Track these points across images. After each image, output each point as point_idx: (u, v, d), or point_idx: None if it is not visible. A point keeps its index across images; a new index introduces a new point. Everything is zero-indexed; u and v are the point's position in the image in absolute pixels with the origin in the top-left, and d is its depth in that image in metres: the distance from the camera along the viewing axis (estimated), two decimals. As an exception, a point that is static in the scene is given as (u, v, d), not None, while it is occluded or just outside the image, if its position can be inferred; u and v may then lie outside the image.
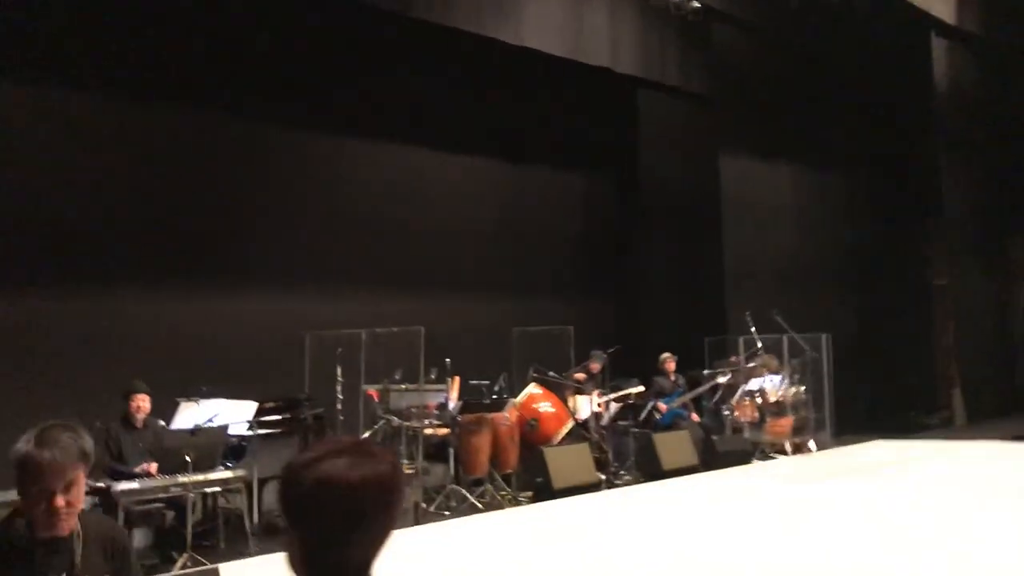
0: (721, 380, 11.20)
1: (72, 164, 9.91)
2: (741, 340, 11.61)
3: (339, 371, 8.42)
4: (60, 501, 2.30)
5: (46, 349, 9.56)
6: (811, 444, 11.53)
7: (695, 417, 11.02)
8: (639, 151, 14.46)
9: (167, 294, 10.50)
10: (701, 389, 11.13)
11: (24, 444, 2.31)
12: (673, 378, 11.05)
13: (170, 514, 6.43)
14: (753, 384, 11.47)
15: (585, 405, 9.96)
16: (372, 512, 1.40)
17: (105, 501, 6.20)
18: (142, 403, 6.67)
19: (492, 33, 10.62)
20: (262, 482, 7.06)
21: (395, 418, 8.40)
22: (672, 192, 14.15)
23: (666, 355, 11.08)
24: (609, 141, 14.90)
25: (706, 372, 11.32)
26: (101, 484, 6.31)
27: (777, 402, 11.48)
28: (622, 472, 9.60)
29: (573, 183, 15.37)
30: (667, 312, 13.38)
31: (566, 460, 8.72)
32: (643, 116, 14.38)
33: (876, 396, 14.15)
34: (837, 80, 14.95)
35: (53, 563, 2.34)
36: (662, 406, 10.66)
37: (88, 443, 2.39)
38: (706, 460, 10.02)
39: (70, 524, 2.36)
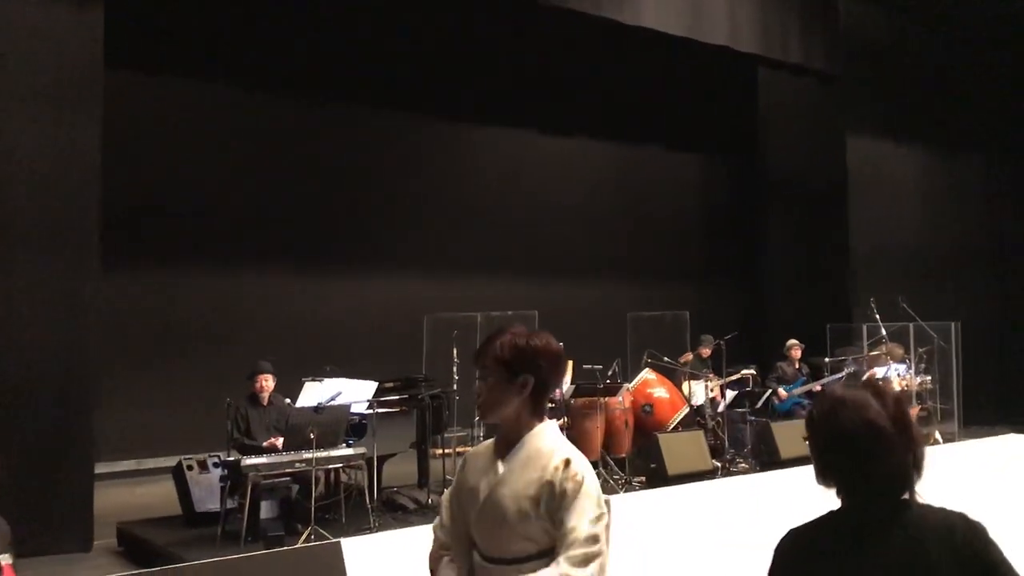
0: (848, 371, 10.86)
1: (208, 155, 10.45)
2: (864, 327, 11.23)
3: (455, 352, 8.57)
4: None
5: (182, 330, 10.14)
6: (937, 435, 11.08)
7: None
8: (760, 132, 14.10)
9: (294, 279, 10.97)
10: (826, 380, 10.80)
11: None
12: (797, 366, 10.78)
13: (295, 488, 6.73)
14: (876, 373, 11.08)
15: (700, 391, 9.85)
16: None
17: (234, 474, 6.52)
18: (264, 382, 6.97)
19: (609, 13, 10.51)
20: (382, 459, 7.29)
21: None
22: (795, 174, 13.76)
23: (792, 342, 10.79)
24: (728, 122, 14.60)
25: (828, 360, 10.99)
26: (231, 458, 6.66)
27: (901, 392, 11.08)
28: (738, 460, 9.45)
29: (690, 165, 15.15)
30: (789, 298, 13.05)
31: (681, 446, 8.65)
32: (764, 95, 14.03)
33: (1011, 387, 13.44)
34: (975, 54, 14.19)
35: None
36: (782, 392, 10.44)
37: None
38: (826, 450, 9.74)
39: None
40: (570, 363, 9.17)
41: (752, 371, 10.29)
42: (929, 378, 11.21)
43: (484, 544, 2.35)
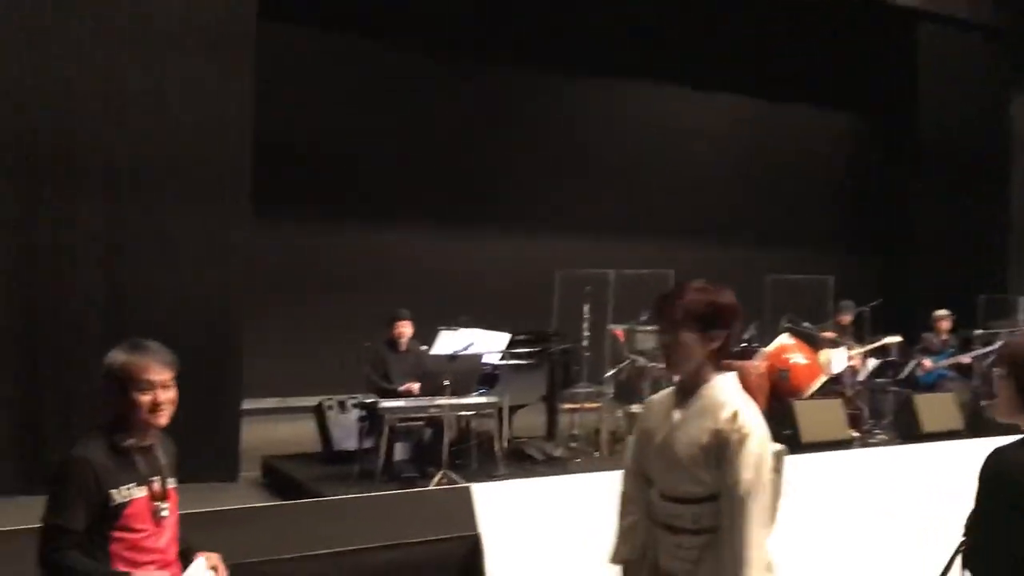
0: (994, 347, 10.23)
1: (357, 107, 10.73)
2: (1022, 300, 10.59)
3: (586, 309, 8.55)
4: (163, 395, 2.67)
5: (326, 276, 10.53)
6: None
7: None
8: (917, 90, 13.35)
9: (434, 231, 11.19)
10: (976, 352, 10.23)
11: (121, 354, 2.68)
12: (945, 337, 10.26)
13: (428, 432, 6.91)
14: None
15: (840, 359, 9.51)
16: None
17: (372, 416, 6.75)
18: (404, 329, 7.16)
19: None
20: (512, 409, 7.39)
21: (640, 358, 8.47)
22: (952, 135, 12.98)
23: (942, 312, 10.21)
24: (882, 80, 13.87)
25: (978, 332, 10.41)
26: (370, 400, 6.89)
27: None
28: (876, 431, 9.12)
29: (837, 124, 14.53)
30: (939, 267, 12.41)
31: (817, 414, 8.41)
32: (923, 53, 13.25)
33: None
34: None
35: (148, 466, 2.73)
36: (928, 363, 9.96)
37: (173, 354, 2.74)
38: (972, 426, 9.28)
39: (167, 419, 2.71)
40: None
41: (897, 339, 9.83)
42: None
43: (658, 483, 2.58)
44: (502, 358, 7.23)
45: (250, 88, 7.45)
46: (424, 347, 7.34)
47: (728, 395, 2.52)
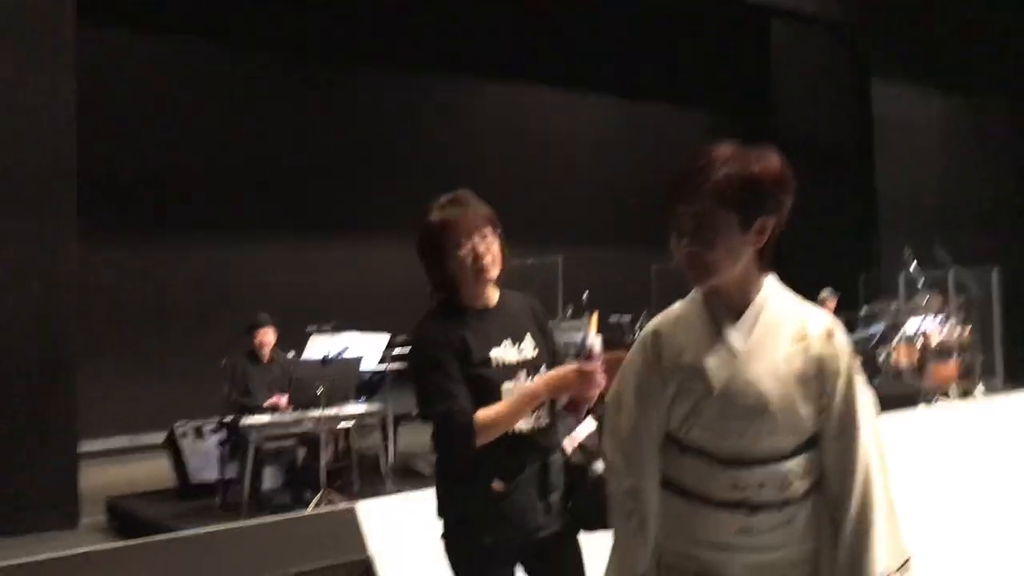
0: (878, 327, 10.18)
1: (194, 115, 9.89)
2: (901, 277, 10.57)
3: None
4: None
5: (172, 297, 9.56)
6: (979, 389, 10.44)
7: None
8: (772, 84, 13.49)
9: (281, 240, 10.39)
10: (860, 335, 10.13)
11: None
12: (830, 318, 10.14)
13: (302, 452, 6.06)
14: (912, 326, 10.42)
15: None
16: None
17: (234, 438, 5.87)
18: (265, 336, 6.30)
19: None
20: (397, 420, 6.59)
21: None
22: (812, 125, 13.14)
23: (825, 293, 9.96)
24: (739, 78, 13.95)
25: (862, 313, 10.33)
26: (228, 419, 5.99)
27: (940, 344, 10.42)
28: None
29: (697, 120, 14.48)
30: (815, 250, 12.42)
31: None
32: (776, 48, 13.42)
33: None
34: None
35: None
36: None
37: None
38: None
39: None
40: (595, 316, 8.52)
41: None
42: (968, 328, 10.55)
43: (721, 444, 1.71)
44: (382, 361, 6.44)
45: (71, 93, 6.51)
46: (291, 353, 6.50)
47: (796, 304, 1.80)
